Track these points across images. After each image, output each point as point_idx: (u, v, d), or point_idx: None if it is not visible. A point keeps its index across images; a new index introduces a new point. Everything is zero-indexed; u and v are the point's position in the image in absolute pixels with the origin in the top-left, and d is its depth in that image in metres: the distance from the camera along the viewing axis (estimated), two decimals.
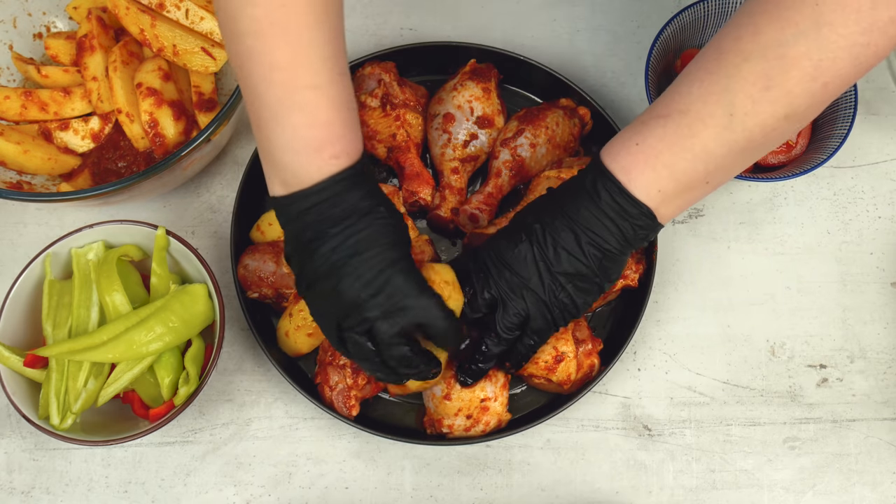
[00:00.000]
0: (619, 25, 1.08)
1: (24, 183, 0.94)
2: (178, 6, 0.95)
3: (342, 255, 0.71)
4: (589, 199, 0.73)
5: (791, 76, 0.65)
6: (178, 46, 0.95)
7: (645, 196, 0.72)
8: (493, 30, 1.07)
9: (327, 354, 0.87)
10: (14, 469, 0.91)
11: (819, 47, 0.64)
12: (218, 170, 1.01)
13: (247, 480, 0.90)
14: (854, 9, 0.62)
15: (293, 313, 0.89)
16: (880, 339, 0.96)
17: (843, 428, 0.93)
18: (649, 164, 0.71)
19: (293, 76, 0.67)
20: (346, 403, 0.85)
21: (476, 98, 0.96)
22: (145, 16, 0.94)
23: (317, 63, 0.67)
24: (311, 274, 0.72)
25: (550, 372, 0.86)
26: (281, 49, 0.66)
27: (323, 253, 0.71)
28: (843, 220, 1.00)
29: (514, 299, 0.76)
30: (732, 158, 0.70)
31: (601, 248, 0.74)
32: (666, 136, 0.70)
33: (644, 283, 0.91)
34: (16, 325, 0.87)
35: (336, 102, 0.69)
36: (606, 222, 0.73)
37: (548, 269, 0.75)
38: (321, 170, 0.69)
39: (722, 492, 0.91)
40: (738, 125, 0.68)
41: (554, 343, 0.85)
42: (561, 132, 0.95)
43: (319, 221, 0.71)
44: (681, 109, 0.69)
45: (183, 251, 0.88)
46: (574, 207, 0.74)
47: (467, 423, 0.86)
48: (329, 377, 0.86)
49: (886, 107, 1.05)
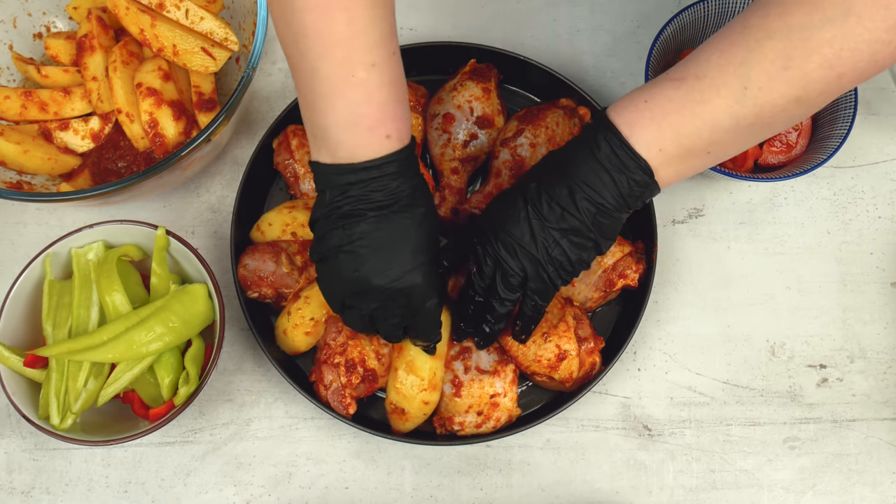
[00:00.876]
0: (619, 25, 1.08)
1: (24, 183, 0.94)
2: (177, 6, 0.95)
3: (372, 243, 0.72)
4: (588, 152, 0.73)
5: (811, 60, 0.65)
6: (178, 46, 0.95)
7: (646, 152, 0.72)
8: (493, 30, 1.07)
9: (322, 353, 0.87)
10: (14, 469, 0.91)
11: (843, 36, 0.64)
12: (218, 170, 1.01)
13: (247, 480, 0.90)
14: (884, 5, 0.63)
15: (291, 311, 0.89)
16: (880, 339, 0.96)
17: (843, 428, 0.93)
18: (655, 122, 0.71)
19: (352, 52, 0.68)
20: (342, 402, 0.85)
21: (476, 98, 0.96)
22: (145, 16, 0.94)
23: (375, 40, 0.69)
24: (334, 247, 0.74)
25: (553, 370, 0.86)
26: (341, 25, 0.67)
27: (354, 233, 0.72)
28: (843, 220, 1.00)
29: (509, 260, 0.77)
30: (736, 133, 0.71)
31: (595, 203, 0.74)
32: (677, 97, 0.71)
33: (644, 282, 0.91)
34: (16, 325, 0.87)
35: (391, 82, 0.71)
36: (603, 176, 0.73)
37: (541, 225, 0.75)
38: (372, 148, 0.71)
39: (722, 492, 0.91)
40: (749, 99, 0.68)
41: (556, 341, 0.85)
42: (561, 132, 0.95)
43: (361, 200, 0.72)
44: (697, 74, 0.70)
45: (183, 251, 0.88)
46: (572, 162, 0.74)
47: (478, 420, 0.86)
48: (324, 376, 0.86)
49: (886, 107, 1.05)
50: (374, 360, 0.86)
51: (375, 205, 0.72)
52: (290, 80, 1.05)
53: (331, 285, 0.78)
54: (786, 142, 0.98)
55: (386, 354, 0.87)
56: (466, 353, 0.87)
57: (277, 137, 0.96)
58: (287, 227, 0.92)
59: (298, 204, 0.93)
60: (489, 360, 0.87)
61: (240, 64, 0.99)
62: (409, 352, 0.86)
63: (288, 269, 0.90)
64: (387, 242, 0.73)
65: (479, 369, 0.87)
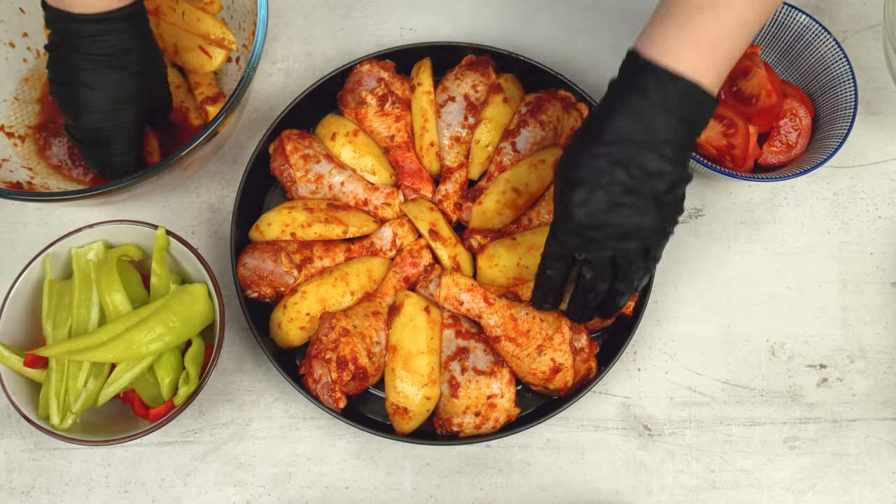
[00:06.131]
0: (619, 25, 1.08)
1: (25, 183, 0.94)
2: (173, 9, 0.96)
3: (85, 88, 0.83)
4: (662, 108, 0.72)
5: None
6: (177, 45, 0.95)
7: (710, 88, 0.73)
8: (493, 30, 1.07)
9: (314, 347, 0.87)
10: (14, 469, 0.91)
11: None
12: (218, 170, 1.01)
13: (247, 480, 0.90)
14: None
15: (287, 305, 0.89)
16: (880, 339, 0.96)
17: (843, 428, 0.93)
18: (714, 61, 0.73)
19: None
20: (332, 396, 0.85)
21: (475, 85, 0.96)
22: (151, 17, 0.95)
23: None
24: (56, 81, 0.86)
25: (548, 381, 0.86)
26: None
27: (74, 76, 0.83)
28: (843, 220, 1.00)
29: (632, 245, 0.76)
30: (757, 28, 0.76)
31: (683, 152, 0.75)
32: (722, 30, 0.73)
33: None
34: (16, 325, 0.87)
35: None
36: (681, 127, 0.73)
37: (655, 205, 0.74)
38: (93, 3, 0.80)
39: (722, 492, 0.91)
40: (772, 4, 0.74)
41: (552, 354, 0.86)
42: (561, 125, 0.96)
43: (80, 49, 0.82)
44: None
45: (183, 251, 0.88)
46: (648, 126, 0.73)
47: (476, 421, 0.86)
48: (313, 370, 0.86)
49: (886, 107, 1.05)
50: (365, 358, 0.86)
51: (91, 57, 0.82)
52: (290, 80, 1.05)
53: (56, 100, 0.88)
54: (786, 142, 0.98)
55: (377, 353, 0.87)
56: (463, 354, 0.87)
57: (273, 143, 0.96)
58: (286, 227, 0.92)
59: (298, 204, 0.93)
60: (486, 361, 0.87)
61: (240, 64, 0.99)
62: (404, 350, 0.86)
63: (287, 269, 0.90)
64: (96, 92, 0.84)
65: (476, 370, 0.87)
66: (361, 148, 0.96)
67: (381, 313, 0.89)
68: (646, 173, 0.73)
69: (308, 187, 0.94)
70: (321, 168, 0.94)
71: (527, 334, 0.87)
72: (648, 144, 0.73)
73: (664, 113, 0.72)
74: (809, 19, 0.97)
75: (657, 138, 0.73)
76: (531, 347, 0.86)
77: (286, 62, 1.06)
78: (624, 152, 0.73)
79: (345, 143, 0.96)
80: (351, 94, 0.97)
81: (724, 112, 0.96)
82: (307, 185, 0.94)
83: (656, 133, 0.73)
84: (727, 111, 0.96)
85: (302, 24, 1.08)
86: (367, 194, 0.95)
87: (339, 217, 0.92)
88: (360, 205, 0.95)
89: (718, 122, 0.96)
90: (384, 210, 0.95)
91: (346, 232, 0.93)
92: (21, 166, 0.96)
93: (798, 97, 0.99)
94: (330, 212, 0.93)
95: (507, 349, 0.87)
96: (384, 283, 0.92)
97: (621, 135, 0.73)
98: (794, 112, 0.98)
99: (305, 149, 0.94)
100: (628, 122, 0.73)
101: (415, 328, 0.87)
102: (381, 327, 0.88)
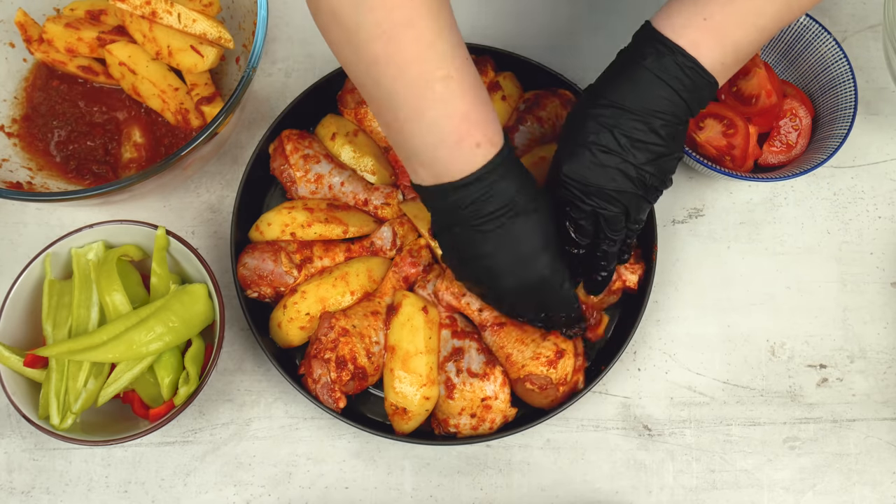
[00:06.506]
0: (619, 25, 1.08)
1: (25, 183, 0.94)
2: (169, 12, 0.96)
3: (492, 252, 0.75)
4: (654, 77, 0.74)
5: None
6: (171, 47, 0.95)
7: (711, 68, 0.74)
8: (493, 29, 1.07)
9: (313, 347, 0.87)
10: (14, 469, 0.91)
11: None
12: (218, 170, 1.01)
13: (247, 480, 0.90)
14: None
15: (287, 305, 0.89)
16: (880, 339, 0.96)
17: (843, 428, 0.93)
18: (719, 41, 0.73)
19: (425, 69, 0.68)
20: (332, 396, 0.85)
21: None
22: (145, 21, 0.95)
23: (445, 51, 0.69)
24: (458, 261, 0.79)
25: (552, 365, 0.85)
26: (409, 44, 0.67)
27: (479, 255, 0.76)
28: (843, 220, 1.00)
29: (610, 207, 0.77)
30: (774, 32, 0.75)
31: (672, 125, 0.75)
32: (735, 13, 0.73)
33: (644, 283, 0.91)
34: (16, 325, 0.87)
35: (469, 89, 0.71)
36: (675, 99, 0.74)
37: (633, 167, 0.75)
38: (467, 161, 0.71)
39: (722, 492, 0.91)
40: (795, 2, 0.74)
41: (554, 340, 0.86)
42: (559, 122, 0.96)
43: (474, 217, 0.74)
44: None
45: (183, 251, 0.88)
46: (640, 92, 0.74)
47: (473, 422, 0.86)
48: (313, 370, 0.86)
49: (886, 107, 1.05)
50: (364, 357, 0.86)
51: (489, 217, 0.73)
52: (290, 80, 1.05)
53: (472, 291, 0.85)
54: (786, 142, 0.98)
55: (377, 353, 0.87)
56: (458, 355, 0.87)
57: (273, 143, 0.96)
58: (286, 227, 0.92)
59: (298, 204, 0.93)
60: (479, 362, 0.87)
61: (240, 64, 0.99)
62: (402, 350, 0.86)
63: (287, 268, 0.90)
64: (506, 249, 0.75)
65: (471, 372, 0.87)
66: (361, 148, 0.96)
67: (381, 313, 0.89)
68: (630, 140, 0.74)
69: (308, 187, 0.94)
70: (321, 168, 0.94)
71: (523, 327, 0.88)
72: (638, 113, 0.74)
73: (658, 82, 0.73)
74: (809, 19, 0.97)
75: (647, 108, 0.74)
76: (536, 333, 0.86)
77: (286, 62, 1.06)
78: (612, 117, 0.74)
79: (345, 143, 0.96)
80: (351, 94, 0.97)
81: (724, 112, 0.96)
82: (307, 185, 0.94)
83: (647, 103, 0.74)
84: (727, 111, 0.96)
85: (302, 24, 1.08)
86: (366, 194, 0.95)
87: (338, 217, 0.92)
88: (359, 205, 0.95)
89: (718, 122, 0.96)
90: (384, 210, 0.95)
91: (346, 232, 0.93)
92: (21, 166, 0.96)
93: (798, 97, 0.99)
94: (330, 212, 0.93)
95: (512, 335, 0.87)
96: (383, 283, 0.92)
97: (614, 99, 0.75)
98: (794, 112, 0.98)
99: (305, 149, 0.95)
100: (623, 88, 0.75)
101: (413, 328, 0.87)
102: (380, 327, 0.88)
